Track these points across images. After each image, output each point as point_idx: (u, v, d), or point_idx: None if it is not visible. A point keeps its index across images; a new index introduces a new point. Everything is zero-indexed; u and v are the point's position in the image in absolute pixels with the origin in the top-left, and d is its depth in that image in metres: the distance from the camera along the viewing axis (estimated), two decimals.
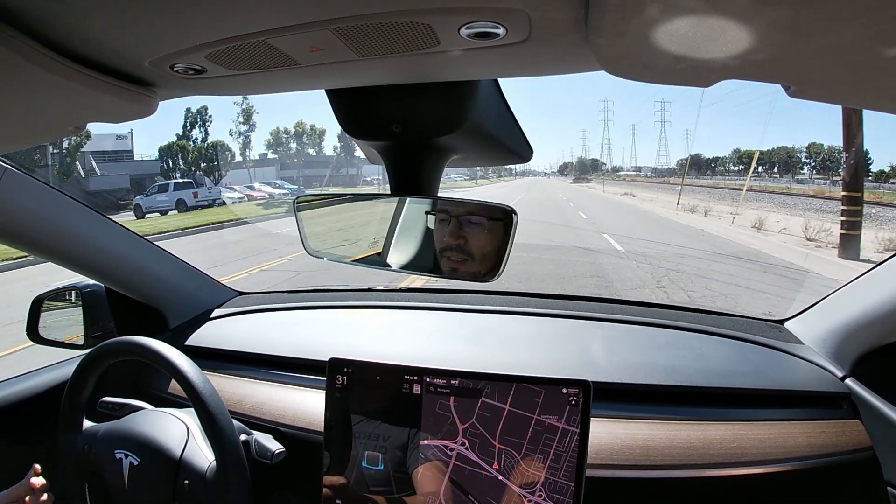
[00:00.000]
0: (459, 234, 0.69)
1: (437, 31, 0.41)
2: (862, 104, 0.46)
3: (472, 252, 0.68)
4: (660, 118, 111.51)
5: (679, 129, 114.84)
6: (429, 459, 0.80)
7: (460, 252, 0.69)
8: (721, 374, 0.97)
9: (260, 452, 0.87)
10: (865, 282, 0.91)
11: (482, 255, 0.68)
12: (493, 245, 0.67)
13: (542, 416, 0.76)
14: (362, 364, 0.83)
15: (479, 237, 0.68)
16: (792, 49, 0.36)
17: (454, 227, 0.69)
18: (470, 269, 0.69)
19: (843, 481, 0.85)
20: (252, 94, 0.62)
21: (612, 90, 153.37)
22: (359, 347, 1.13)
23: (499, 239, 0.66)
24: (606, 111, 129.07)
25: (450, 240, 0.69)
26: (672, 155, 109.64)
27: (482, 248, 0.68)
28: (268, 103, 69.71)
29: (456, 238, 0.69)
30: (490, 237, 0.68)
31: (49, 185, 0.93)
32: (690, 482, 0.84)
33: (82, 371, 0.87)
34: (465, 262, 0.69)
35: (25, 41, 0.42)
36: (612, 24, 0.36)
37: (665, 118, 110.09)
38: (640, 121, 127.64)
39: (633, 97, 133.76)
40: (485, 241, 0.68)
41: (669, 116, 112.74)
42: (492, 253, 0.67)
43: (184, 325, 1.27)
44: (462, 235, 0.69)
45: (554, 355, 1.06)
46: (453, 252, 0.69)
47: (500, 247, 0.66)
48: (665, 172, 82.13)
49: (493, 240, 0.67)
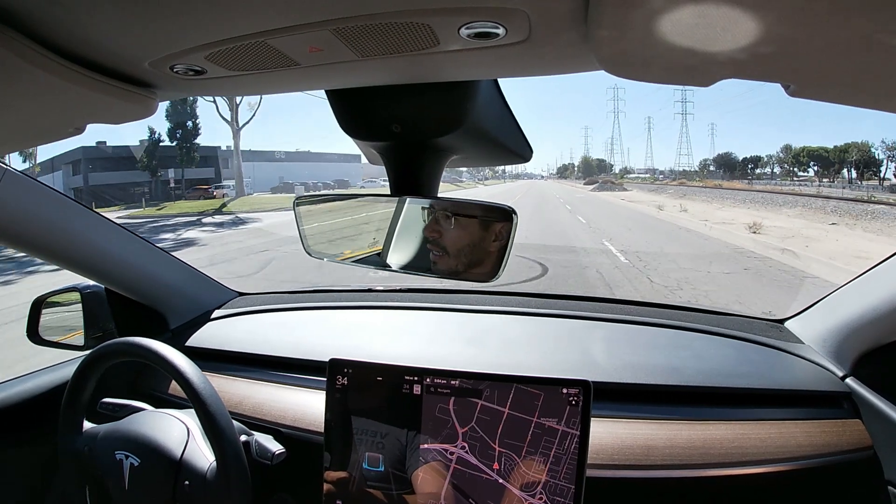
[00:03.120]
0: (434, 228, 0.68)
1: (437, 31, 0.41)
2: (862, 103, 0.46)
3: (446, 247, 0.68)
4: (680, 110, 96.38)
5: (702, 122, 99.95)
6: (429, 462, 0.80)
7: (435, 246, 0.69)
8: (722, 373, 0.97)
9: (260, 453, 0.87)
10: (865, 281, 0.91)
11: (457, 250, 0.67)
12: (471, 241, 0.67)
13: (542, 418, 0.76)
14: (362, 365, 0.83)
15: (453, 233, 0.68)
16: (791, 48, 0.36)
17: (431, 222, 0.69)
18: (447, 265, 0.68)
19: (844, 481, 0.85)
20: (252, 94, 0.63)
21: (615, 81, 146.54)
22: (359, 348, 1.13)
23: (498, 239, 0.66)
24: (616, 100, 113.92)
25: (427, 233, 0.69)
26: (695, 154, 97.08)
27: (455, 243, 0.67)
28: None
29: (431, 232, 0.68)
30: (463, 233, 0.67)
31: (49, 187, 0.93)
32: (691, 482, 0.83)
33: (82, 372, 0.87)
34: (441, 258, 0.68)
35: (26, 43, 0.42)
36: (611, 23, 0.36)
37: (686, 109, 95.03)
38: (655, 113, 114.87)
39: (646, 85, 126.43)
40: (458, 236, 0.67)
41: (691, 108, 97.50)
42: (468, 251, 0.67)
43: (184, 325, 1.27)
44: (436, 230, 0.68)
45: (554, 355, 1.06)
46: (431, 245, 0.69)
47: (500, 247, 0.66)
48: (679, 174, 73.25)
49: (476, 237, 0.67)
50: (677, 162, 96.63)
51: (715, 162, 73.43)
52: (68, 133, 0.65)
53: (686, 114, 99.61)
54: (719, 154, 73.99)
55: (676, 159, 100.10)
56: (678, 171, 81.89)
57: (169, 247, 7.81)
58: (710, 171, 71.20)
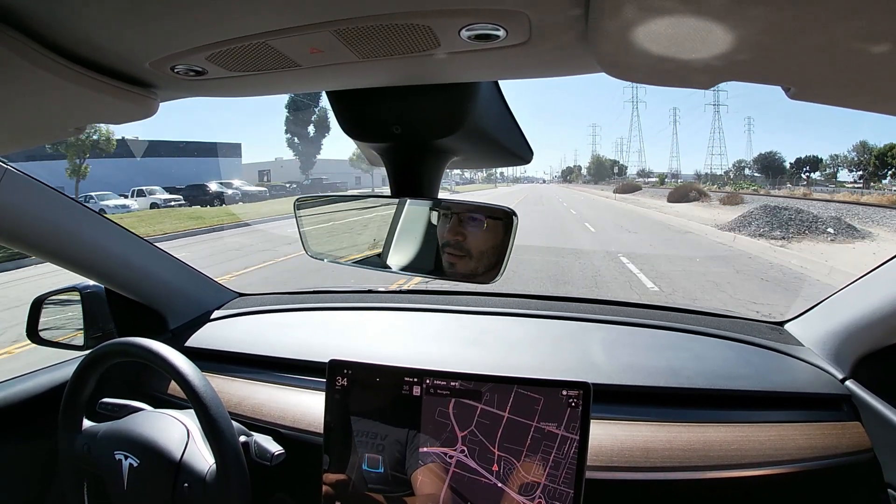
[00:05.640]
0: (458, 230, 0.69)
1: (438, 32, 0.41)
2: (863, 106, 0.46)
3: (470, 249, 0.69)
4: (713, 101, 74.30)
5: (737, 117, 77.23)
6: (428, 464, 0.80)
7: (458, 248, 0.70)
8: (721, 375, 0.97)
9: (260, 454, 0.87)
10: (865, 284, 0.91)
11: (479, 252, 0.69)
12: (492, 244, 0.67)
13: (542, 423, 0.76)
14: (362, 366, 0.83)
15: (477, 235, 0.69)
16: (791, 50, 0.36)
17: (454, 224, 0.70)
18: (467, 267, 0.69)
19: (844, 483, 0.85)
20: (252, 95, 0.63)
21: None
22: (359, 349, 1.13)
23: (499, 240, 0.66)
24: (636, 88, 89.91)
25: (449, 235, 0.70)
26: (729, 154, 77.42)
27: (479, 246, 0.69)
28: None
29: (455, 234, 0.70)
30: (488, 235, 0.68)
31: (49, 187, 0.93)
32: (690, 484, 0.83)
33: (82, 372, 0.87)
34: (462, 259, 0.70)
35: (27, 43, 0.42)
36: (612, 25, 0.36)
37: (719, 100, 72.82)
38: (682, 103, 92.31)
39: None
40: (482, 239, 0.68)
41: (724, 97, 74.41)
42: (490, 252, 0.68)
43: (184, 326, 1.27)
44: (461, 232, 0.69)
45: (554, 357, 1.06)
46: (452, 248, 0.70)
47: (500, 248, 0.66)
48: (707, 178, 58.81)
49: (493, 239, 0.68)
50: (708, 163, 78.08)
51: (756, 163, 58.87)
52: (69, 133, 0.65)
53: (719, 105, 78.07)
54: (760, 154, 59.08)
55: (707, 160, 78.60)
56: (705, 174, 66.30)
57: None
58: (743, 176, 57.96)
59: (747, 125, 79.64)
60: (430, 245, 0.74)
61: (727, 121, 77.76)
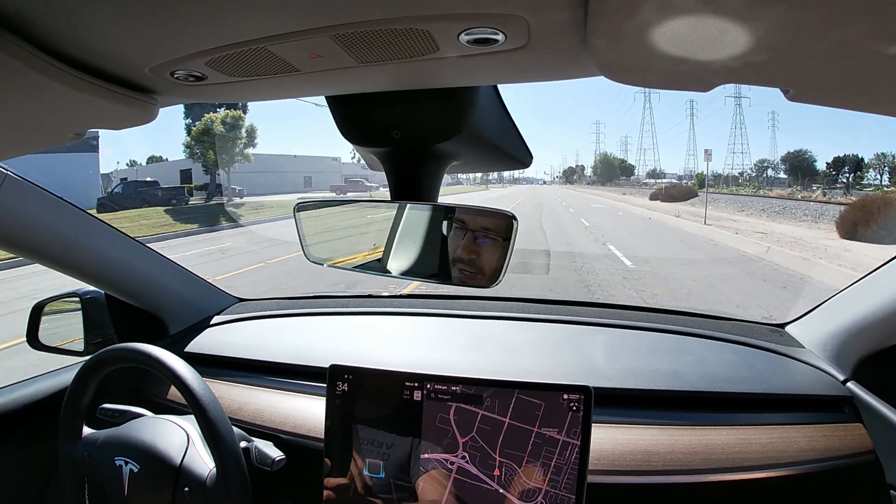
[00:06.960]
0: (474, 248, 0.70)
1: (437, 37, 0.41)
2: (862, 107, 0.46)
3: (483, 267, 0.69)
4: (734, 93, 63.10)
5: (760, 111, 66.08)
6: (429, 471, 0.79)
7: (471, 266, 0.70)
8: (723, 378, 0.96)
9: (260, 459, 0.87)
10: (866, 285, 0.91)
11: (492, 270, 0.69)
12: (499, 255, 0.68)
13: (543, 428, 0.76)
14: (363, 371, 0.83)
15: (491, 252, 0.69)
16: (790, 52, 0.36)
17: (469, 242, 0.70)
18: (478, 283, 0.70)
19: (846, 485, 0.85)
20: (252, 100, 0.63)
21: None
22: (359, 354, 1.13)
23: (499, 245, 0.66)
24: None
25: (463, 253, 0.70)
26: (753, 153, 67.31)
27: (491, 263, 0.69)
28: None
29: (470, 252, 0.70)
30: (496, 248, 0.68)
31: (50, 192, 0.93)
32: (692, 488, 0.83)
33: (82, 378, 0.87)
34: (474, 276, 0.70)
35: (26, 48, 0.42)
36: (610, 29, 0.36)
37: (741, 91, 61.35)
38: (698, 97, 78.86)
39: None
40: (497, 255, 0.68)
41: (747, 90, 58.00)
42: (498, 264, 0.68)
43: (184, 331, 1.27)
44: (475, 250, 0.70)
45: (555, 361, 1.06)
46: (465, 265, 0.70)
47: (501, 253, 0.66)
48: (727, 179, 50.22)
49: (499, 251, 0.68)
50: (729, 162, 66.82)
51: (785, 162, 52.04)
52: (69, 138, 0.65)
53: (741, 97, 66.50)
54: (789, 152, 52.15)
55: (728, 159, 67.95)
56: (725, 175, 56.53)
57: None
58: (767, 178, 51.36)
59: (770, 120, 71.84)
60: (431, 249, 0.74)
61: (748, 115, 70.82)
